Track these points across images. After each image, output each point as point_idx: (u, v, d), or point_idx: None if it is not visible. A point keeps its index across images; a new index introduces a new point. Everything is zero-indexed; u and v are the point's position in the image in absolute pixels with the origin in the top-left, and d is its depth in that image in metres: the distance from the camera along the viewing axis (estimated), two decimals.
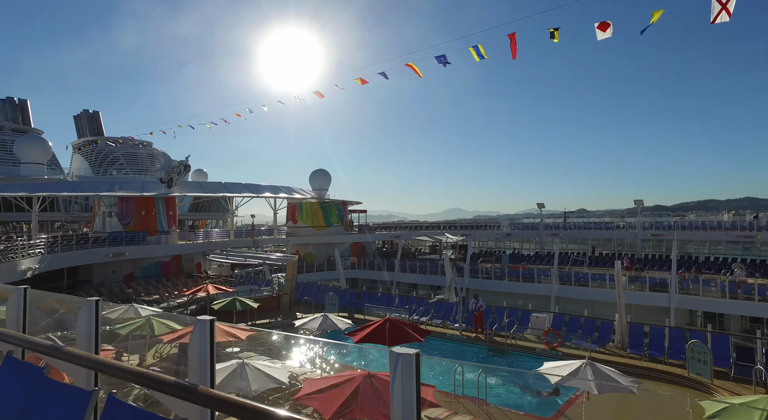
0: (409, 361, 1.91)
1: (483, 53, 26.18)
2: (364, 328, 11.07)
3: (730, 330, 24.27)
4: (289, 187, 43.39)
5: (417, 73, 27.82)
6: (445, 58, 27.28)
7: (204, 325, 2.36)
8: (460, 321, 18.36)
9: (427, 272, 35.73)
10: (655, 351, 15.26)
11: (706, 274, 29.08)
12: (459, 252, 43.40)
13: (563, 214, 72.43)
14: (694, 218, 50.67)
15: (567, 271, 31.21)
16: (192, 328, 2.38)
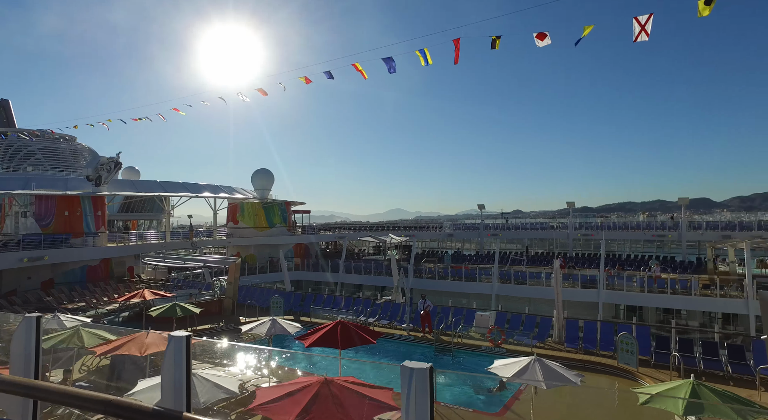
0: (423, 375, 1.86)
1: (428, 58, 26.69)
2: (315, 331, 10.88)
3: (648, 321, 26.49)
4: (230, 187, 41.81)
5: (362, 74, 27.85)
6: (392, 62, 27.52)
7: (179, 342, 2.17)
8: (407, 321, 18.57)
9: (371, 273, 35.83)
10: (588, 344, 16.32)
11: (628, 270, 31.52)
12: (403, 252, 43.96)
13: (501, 215, 75.59)
14: (616, 219, 54.76)
15: (507, 270, 32.55)
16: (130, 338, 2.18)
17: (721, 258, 32.41)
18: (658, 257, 35.60)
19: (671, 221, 40.12)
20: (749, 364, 13.78)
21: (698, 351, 14.62)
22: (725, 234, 36.28)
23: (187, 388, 2.10)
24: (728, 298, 24.55)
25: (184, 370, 2.12)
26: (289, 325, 12.28)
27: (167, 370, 2.11)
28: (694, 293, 25.28)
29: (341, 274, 36.70)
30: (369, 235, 43.26)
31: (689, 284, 25.85)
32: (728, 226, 37.63)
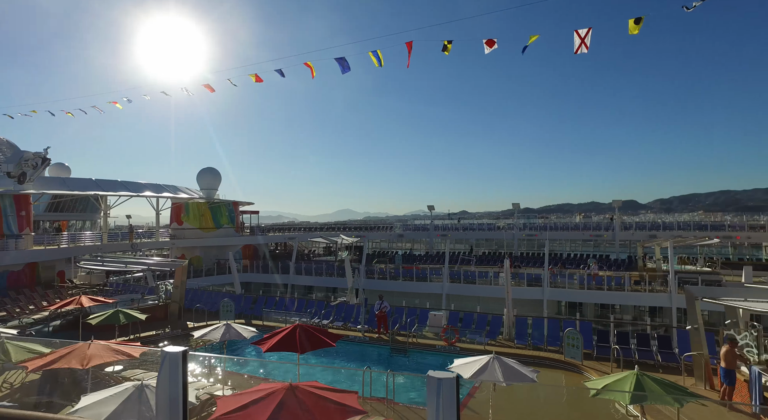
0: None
1: (381, 59, 26.84)
2: (273, 335, 10.61)
3: (587, 316, 28.17)
4: (174, 186, 39.87)
5: (312, 72, 27.60)
6: (345, 62, 27.42)
7: (175, 358, 2.05)
8: (362, 322, 18.57)
9: (322, 274, 35.53)
10: (536, 340, 17.09)
11: (569, 269, 33.34)
12: (354, 253, 43.89)
13: (448, 216, 77.53)
14: (556, 220, 57.78)
15: (456, 270, 33.39)
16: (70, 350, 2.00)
17: (649, 256, 35.04)
18: (595, 256, 37.89)
19: (610, 221, 42.80)
20: (675, 353, 15.02)
21: (633, 343, 15.75)
22: (651, 234, 39.31)
23: (183, 404, 2.00)
24: (655, 292, 26.58)
25: (180, 386, 2.01)
26: (245, 330, 11.89)
27: (162, 388, 1.99)
28: (627, 289, 27.19)
29: (292, 275, 36.09)
30: (320, 236, 42.83)
31: (623, 281, 27.77)
32: (654, 227, 40.78)
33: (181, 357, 1.87)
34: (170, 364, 1.90)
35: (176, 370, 1.84)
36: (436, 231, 47.98)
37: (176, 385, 1.84)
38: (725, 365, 11.09)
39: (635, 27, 19.00)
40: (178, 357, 1.88)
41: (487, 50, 27.33)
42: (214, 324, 12.68)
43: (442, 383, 1.68)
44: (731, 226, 36.94)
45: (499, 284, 31.26)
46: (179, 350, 1.90)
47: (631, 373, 7.61)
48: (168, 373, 1.87)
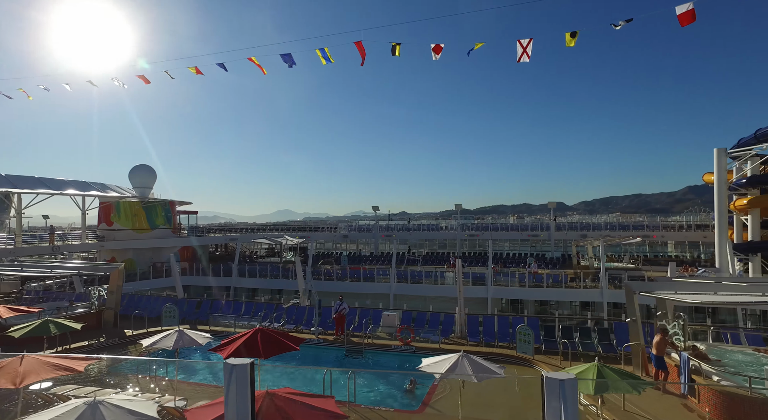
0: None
1: (329, 56, 26.57)
2: (233, 341, 10.11)
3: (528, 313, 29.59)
4: (103, 184, 36.91)
5: (261, 69, 26.84)
6: (291, 59, 26.88)
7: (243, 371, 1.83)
8: (316, 324, 18.22)
9: (267, 276, 34.49)
10: (487, 337, 17.65)
11: (510, 267, 34.85)
12: (299, 254, 42.96)
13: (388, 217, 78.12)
14: (491, 221, 60.17)
15: (403, 270, 33.76)
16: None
17: (581, 254, 37.45)
18: (533, 255, 39.90)
19: (554, 222, 45.17)
20: (613, 344, 16.16)
21: (576, 336, 16.74)
22: (582, 234, 42.08)
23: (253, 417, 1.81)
24: (588, 288, 28.45)
25: (249, 400, 1.82)
26: (199, 336, 11.20)
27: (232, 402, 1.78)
28: (564, 286, 28.89)
29: (234, 277, 34.71)
30: (263, 237, 41.53)
31: (560, 278, 29.48)
32: (585, 227, 43.70)
33: (249, 369, 1.67)
34: (238, 377, 1.69)
35: (245, 383, 1.64)
36: (381, 232, 48.28)
37: (245, 398, 1.64)
38: (657, 353, 12.09)
39: (571, 40, 20.33)
40: (246, 369, 1.67)
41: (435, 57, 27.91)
42: (155, 330, 11.84)
43: (565, 384, 1.63)
44: (648, 226, 40.44)
45: (445, 283, 32.06)
46: (247, 362, 1.70)
47: (593, 365, 8.06)
48: (236, 387, 1.66)
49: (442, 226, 48.71)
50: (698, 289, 12.25)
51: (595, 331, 16.98)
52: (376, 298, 31.95)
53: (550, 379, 1.70)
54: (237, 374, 1.58)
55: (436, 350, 16.50)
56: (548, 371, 12.42)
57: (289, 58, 26.45)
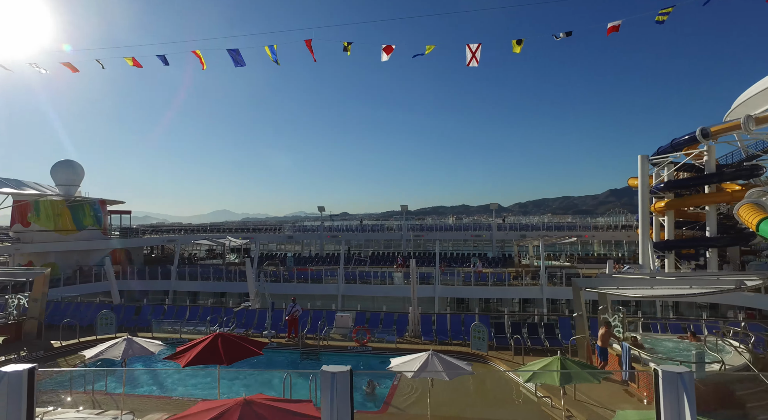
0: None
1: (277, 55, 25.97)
2: (190, 348, 9.54)
3: (474, 311, 30.60)
4: (18, 180, 33.42)
5: (202, 62, 25.75)
6: (239, 55, 25.97)
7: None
8: (268, 327, 17.68)
9: (210, 278, 32.99)
10: (441, 335, 18.02)
11: (455, 267, 35.82)
12: (244, 255, 41.49)
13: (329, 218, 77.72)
14: (431, 222, 61.65)
15: (351, 271, 33.67)
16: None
17: (522, 253, 39.30)
18: (477, 255, 41.28)
19: (503, 221, 46.90)
20: (558, 338, 17.11)
21: (525, 332, 17.53)
22: (522, 234, 44.19)
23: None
24: (530, 286, 29.92)
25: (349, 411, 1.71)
26: (150, 343, 10.42)
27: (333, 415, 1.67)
28: (508, 284, 30.18)
29: (174, 281, 32.87)
30: (205, 238, 39.67)
31: (504, 277, 30.75)
32: (524, 227, 45.92)
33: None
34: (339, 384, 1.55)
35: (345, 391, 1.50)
36: (327, 232, 47.83)
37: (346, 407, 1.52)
38: (602, 344, 12.98)
39: (517, 46, 21.39)
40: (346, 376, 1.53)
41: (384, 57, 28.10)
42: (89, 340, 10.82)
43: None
44: (580, 226, 43.30)
45: (394, 283, 32.35)
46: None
47: (555, 358, 8.48)
48: (338, 396, 1.52)
49: (388, 227, 49.12)
50: (636, 284, 13.29)
51: (541, 326, 17.88)
52: (324, 300, 31.61)
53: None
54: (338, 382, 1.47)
55: (393, 350, 16.60)
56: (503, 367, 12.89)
57: (236, 55, 25.49)
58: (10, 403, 1.38)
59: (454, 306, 31.95)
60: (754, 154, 30.29)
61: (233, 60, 25.51)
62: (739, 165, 29.74)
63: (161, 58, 24.53)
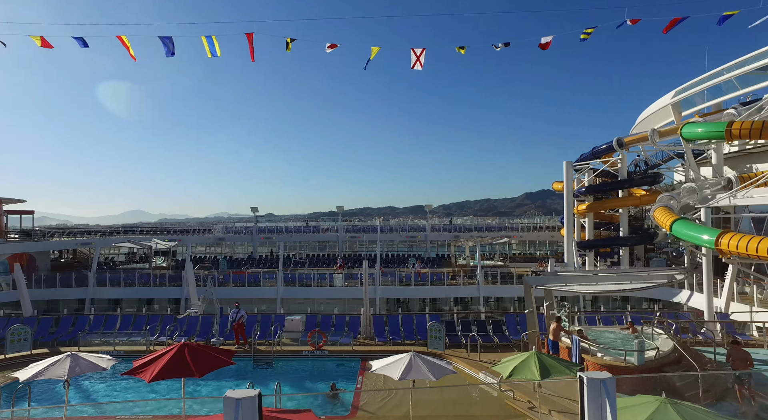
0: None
1: (217, 49, 24.79)
2: (153, 361, 8.70)
3: (413, 310, 31.19)
4: None
5: (129, 51, 23.92)
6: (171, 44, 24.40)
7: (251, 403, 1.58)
8: (216, 335, 16.64)
9: (135, 284, 30.40)
10: (394, 336, 18.12)
11: (392, 267, 36.26)
12: (171, 259, 38.70)
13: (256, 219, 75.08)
14: (358, 223, 61.87)
15: (290, 273, 32.81)
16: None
17: (459, 254, 40.74)
18: (413, 255, 42.11)
19: (449, 224, 47.95)
20: (506, 334, 17.97)
21: (474, 329, 18.18)
22: (455, 235, 45.85)
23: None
24: (467, 285, 31.12)
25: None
26: (99, 359, 9.29)
27: None
28: (447, 283, 31.15)
29: (92, 288, 29.83)
30: (127, 241, 36.42)
31: (443, 276, 31.68)
32: (456, 229, 47.66)
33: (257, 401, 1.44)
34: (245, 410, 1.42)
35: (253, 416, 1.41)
36: (260, 234, 46.17)
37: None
38: (553, 338, 13.84)
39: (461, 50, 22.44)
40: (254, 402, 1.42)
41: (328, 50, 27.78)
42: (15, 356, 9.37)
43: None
44: (510, 227, 45.91)
45: (335, 285, 32.02)
46: (254, 394, 1.46)
47: (532, 354, 8.90)
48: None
49: (324, 228, 48.52)
50: (582, 280, 14.35)
51: (489, 323, 18.64)
52: (262, 303, 30.46)
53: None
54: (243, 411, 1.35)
55: (350, 353, 16.43)
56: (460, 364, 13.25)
57: (169, 43, 23.81)
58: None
59: (394, 306, 32.34)
60: (656, 163, 34.08)
61: (165, 48, 23.80)
62: (644, 172, 33.24)
63: (79, 41, 22.20)
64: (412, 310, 30.61)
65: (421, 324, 18.92)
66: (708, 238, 16.72)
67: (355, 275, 32.55)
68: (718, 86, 28.30)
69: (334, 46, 25.71)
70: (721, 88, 28.28)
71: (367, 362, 9.52)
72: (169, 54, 23.31)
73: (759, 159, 26.26)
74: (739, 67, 26.15)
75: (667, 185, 33.74)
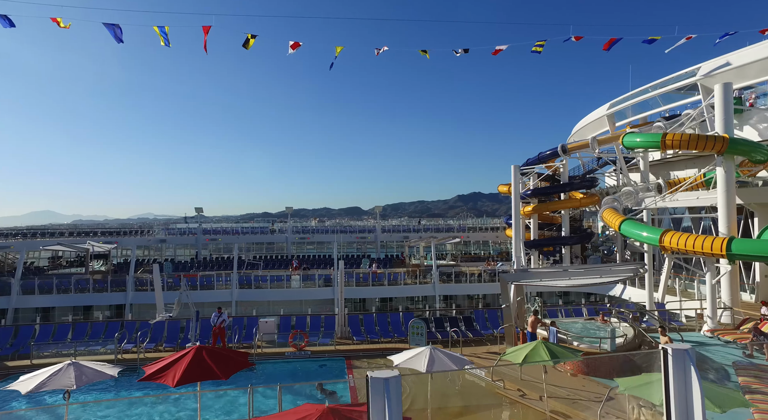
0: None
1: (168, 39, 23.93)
2: (170, 366, 8.30)
3: (370, 310, 31.49)
4: None
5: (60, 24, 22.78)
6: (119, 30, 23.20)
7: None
8: (193, 339, 15.88)
9: (71, 291, 27.89)
10: (371, 335, 18.33)
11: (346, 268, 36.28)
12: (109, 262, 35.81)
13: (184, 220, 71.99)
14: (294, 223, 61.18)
15: (244, 275, 31.85)
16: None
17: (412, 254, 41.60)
18: (367, 256, 42.41)
19: (416, 225, 48.33)
20: (477, 329, 18.87)
21: (447, 325, 18.90)
22: (405, 236, 46.83)
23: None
24: (423, 284, 32.00)
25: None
26: (103, 366, 8.62)
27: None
28: (403, 283, 31.83)
29: (16, 296, 26.94)
30: (58, 243, 33.20)
31: (399, 276, 32.31)
32: (406, 230, 48.68)
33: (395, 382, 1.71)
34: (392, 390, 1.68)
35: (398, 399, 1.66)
36: (205, 235, 44.16)
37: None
38: (531, 331, 14.84)
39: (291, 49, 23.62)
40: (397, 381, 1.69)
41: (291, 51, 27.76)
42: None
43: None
44: (457, 228, 47.71)
45: (291, 287, 31.53)
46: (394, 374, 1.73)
47: (539, 343, 9.61)
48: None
49: (274, 229, 47.43)
50: (554, 276, 15.51)
51: (460, 319, 19.45)
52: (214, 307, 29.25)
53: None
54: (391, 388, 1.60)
55: (332, 352, 16.43)
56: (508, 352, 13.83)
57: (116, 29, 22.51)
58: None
59: (351, 306, 32.46)
60: (592, 169, 37.21)
61: (113, 35, 22.40)
62: (583, 177, 36.17)
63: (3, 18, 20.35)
64: (369, 310, 30.92)
65: (396, 322, 19.34)
66: (652, 236, 18.79)
67: (311, 276, 32.27)
68: (646, 102, 31.59)
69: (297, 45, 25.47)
70: (649, 104, 31.61)
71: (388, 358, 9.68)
72: (118, 41, 21.90)
73: (676, 167, 29.73)
74: (662, 87, 29.44)
75: (600, 189, 36.89)
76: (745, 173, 22.75)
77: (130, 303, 28.63)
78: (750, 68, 23.68)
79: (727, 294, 18.46)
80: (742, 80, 23.93)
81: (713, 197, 19.95)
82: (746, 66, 23.62)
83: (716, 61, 25.33)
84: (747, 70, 23.83)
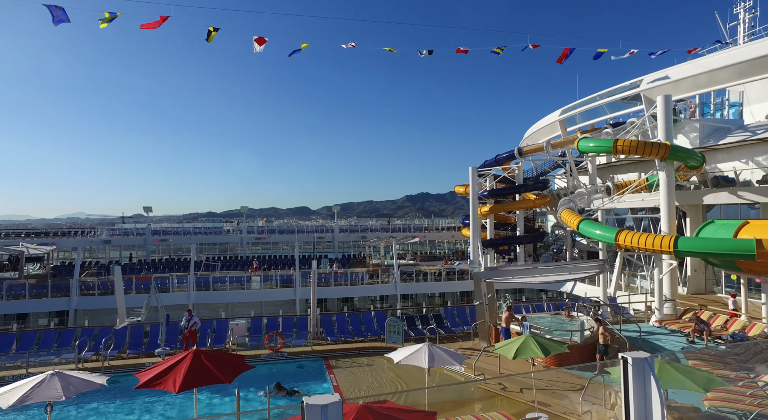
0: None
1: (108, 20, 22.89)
2: (167, 371, 7.92)
3: (332, 310, 31.31)
4: None
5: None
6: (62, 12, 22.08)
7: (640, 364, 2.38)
8: (162, 344, 15.10)
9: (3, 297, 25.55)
10: (345, 334, 18.28)
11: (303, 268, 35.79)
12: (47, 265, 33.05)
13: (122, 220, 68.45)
14: (250, 223, 59.95)
15: (200, 277, 30.66)
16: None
17: (372, 254, 41.77)
18: (326, 256, 42.07)
19: (388, 224, 47.96)
20: (449, 326, 19.35)
21: (418, 323, 19.24)
22: (362, 236, 46.98)
23: None
24: (385, 283, 32.27)
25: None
26: (91, 375, 8.00)
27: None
28: (365, 283, 31.93)
29: None
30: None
31: (360, 276, 32.38)
32: (363, 230, 48.78)
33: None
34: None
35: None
36: (155, 235, 41.95)
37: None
38: (505, 326, 15.46)
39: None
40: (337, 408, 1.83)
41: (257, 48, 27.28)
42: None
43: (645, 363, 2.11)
44: (414, 228, 48.46)
45: (252, 288, 30.71)
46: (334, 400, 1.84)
47: (527, 337, 10.10)
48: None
49: (229, 229, 45.90)
50: (526, 274, 16.25)
51: (431, 317, 19.83)
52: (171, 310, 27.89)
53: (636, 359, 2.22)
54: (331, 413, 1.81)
55: (309, 353, 16.26)
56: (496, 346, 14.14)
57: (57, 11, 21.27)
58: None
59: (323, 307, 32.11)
60: (545, 171, 39.16)
61: (53, 16, 21.06)
62: (536, 179, 37.98)
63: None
64: (330, 310, 30.74)
65: (368, 321, 19.42)
66: (608, 235, 20.13)
67: (272, 277, 31.64)
68: (594, 109, 33.72)
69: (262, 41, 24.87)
70: (597, 111, 33.78)
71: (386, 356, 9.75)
72: (59, 22, 20.57)
73: (619, 170, 31.99)
74: (608, 96, 31.59)
75: (551, 190, 38.89)
76: (681, 177, 24.86)
77: (75, 309, 26.71)
78: (684, 83, 25.99)
79: (668, 287, 20.13)
80: (678, 93, 26.17)
81: (656, 199, 21.63)
82: (681, 81, 25.91)
83: (657, 74, 27.55)
84: (682, 84, 26.13)
